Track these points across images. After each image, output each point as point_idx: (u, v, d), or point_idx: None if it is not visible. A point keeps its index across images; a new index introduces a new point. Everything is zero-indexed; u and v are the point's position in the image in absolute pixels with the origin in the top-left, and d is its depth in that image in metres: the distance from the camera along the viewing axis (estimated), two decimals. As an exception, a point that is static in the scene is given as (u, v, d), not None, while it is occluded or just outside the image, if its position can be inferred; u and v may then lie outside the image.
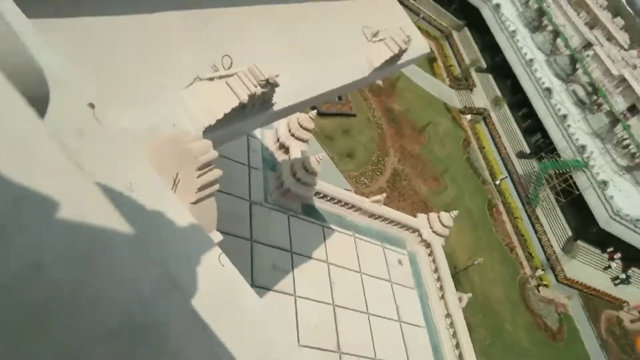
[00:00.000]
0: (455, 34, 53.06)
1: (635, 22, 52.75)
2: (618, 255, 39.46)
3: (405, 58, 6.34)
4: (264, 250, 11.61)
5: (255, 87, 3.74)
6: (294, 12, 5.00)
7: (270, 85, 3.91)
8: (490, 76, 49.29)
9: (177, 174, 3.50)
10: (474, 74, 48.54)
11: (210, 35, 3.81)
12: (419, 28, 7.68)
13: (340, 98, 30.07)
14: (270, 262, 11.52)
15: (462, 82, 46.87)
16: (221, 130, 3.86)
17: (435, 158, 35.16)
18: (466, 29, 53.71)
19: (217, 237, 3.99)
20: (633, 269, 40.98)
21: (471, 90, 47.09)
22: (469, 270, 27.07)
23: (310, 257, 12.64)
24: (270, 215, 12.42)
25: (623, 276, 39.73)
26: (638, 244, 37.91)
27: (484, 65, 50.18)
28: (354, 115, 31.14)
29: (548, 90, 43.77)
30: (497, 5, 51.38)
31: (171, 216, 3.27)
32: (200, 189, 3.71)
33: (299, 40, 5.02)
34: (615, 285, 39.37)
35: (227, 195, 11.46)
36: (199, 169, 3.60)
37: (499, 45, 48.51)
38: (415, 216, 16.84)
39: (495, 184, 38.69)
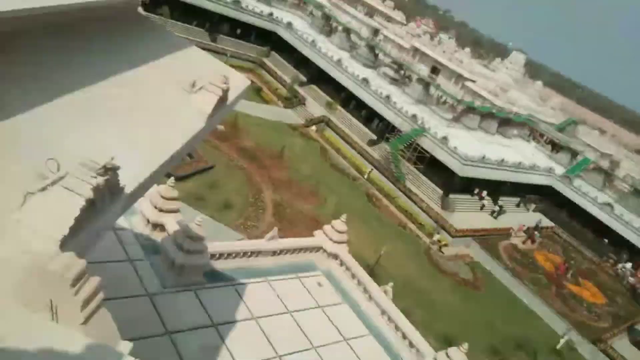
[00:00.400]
0: (266, 60, 56.16)
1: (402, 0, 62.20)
2: (484, 193, 45.41)
3: (231, 97, 6.54)
4: (186, 336, 10.72)
5: (95, 177, 3.51)
6: (105, 93, 4.84)
7: (110, 171, 3.69)
8: (314, 86, 53.18)
9: (51, 300, 3.11)
10: (299, 89, 51.85)
11: (26, 144, 3.49)
12: (232, 66, 8.00)
13: (191, 156, 29.39)
14: (196, 345, 10.66)
15: (292, 100, 49.65)
16: (80, 236, 3.54)
17: (303, 176, 36.45)
18: (274, 52, 57.27)
19: (126, 347, 3.64)
20: (501, 198, 47.51)
21: (304, 104, 50.18)
22: (380, 262, 28.22)
23: (235, 321, 12.03)
24: (176, 299, 11.55)
25: (497, 208, 45.73)
26: (492, 177, 44.20)
27: (304, 78, 53.94)
28: (212, 167, 30.74)
29: (365, 80, 48.82)
30: (289, 24, 55.99)
31: (61, 347, 2.89)
32: (84, 305, 3.35)
33: (123, 117, 4.87)
34: (495, 218, 45.09)
35: (122, 300, 10.38)
36: (72, 285, 3.25)
37: (307, 57, 52.71)
38: (312, 235, 17.14)
39: (365, 178, 41.61)
